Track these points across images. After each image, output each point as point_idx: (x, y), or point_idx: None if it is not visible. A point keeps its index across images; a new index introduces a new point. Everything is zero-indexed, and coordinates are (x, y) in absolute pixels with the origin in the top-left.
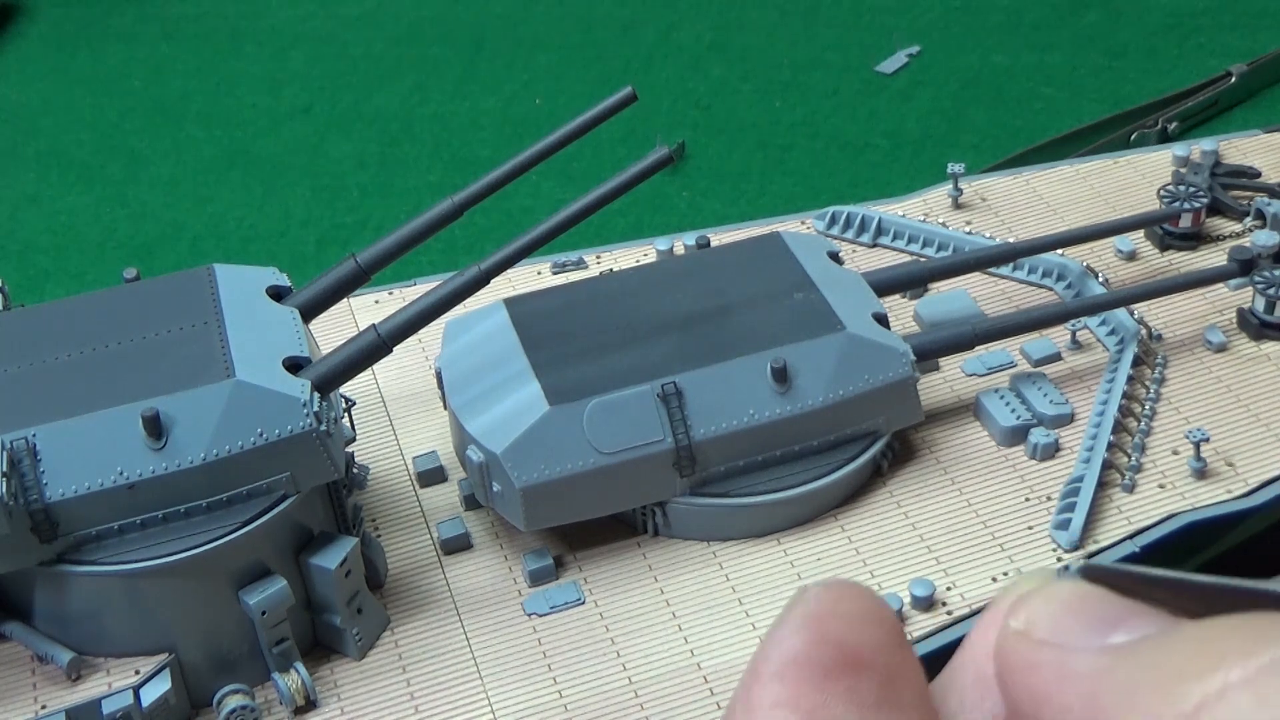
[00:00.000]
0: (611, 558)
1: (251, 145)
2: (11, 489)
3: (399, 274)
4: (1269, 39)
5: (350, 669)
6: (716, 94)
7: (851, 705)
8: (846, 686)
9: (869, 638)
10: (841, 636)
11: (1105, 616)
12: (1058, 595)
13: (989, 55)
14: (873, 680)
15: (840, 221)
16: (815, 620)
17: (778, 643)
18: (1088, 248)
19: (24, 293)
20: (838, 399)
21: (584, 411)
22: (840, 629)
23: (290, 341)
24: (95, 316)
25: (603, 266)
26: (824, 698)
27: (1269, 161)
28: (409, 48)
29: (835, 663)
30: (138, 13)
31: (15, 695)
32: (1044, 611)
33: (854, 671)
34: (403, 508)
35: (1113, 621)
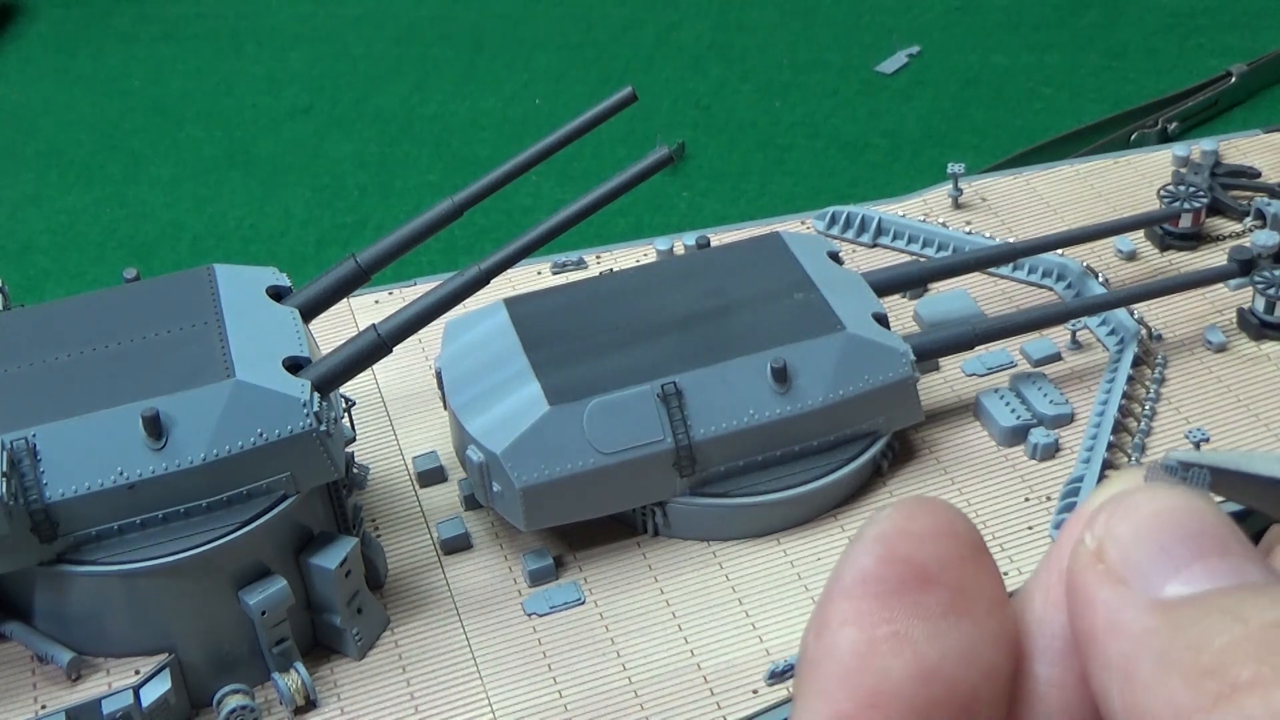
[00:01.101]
0: (611, 558)
1: (251, 145)
2: (11, 489)
3: (399, 274)
4: (1269, 39)
5: (350, 669)
6: (716, 94)
7: (916, 619)
8: (913, 601)
9: (938, 553)
10: (910, 553)
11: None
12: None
13: (989, 55)
14: (941, 593)
15: (840, 221)
16: (885, 539)
17: (850, 562)
18: (1088, 248)
19: (24, 293)
20: (838, 399)
21: (584, 411)
22: (909, 546)
23: (290, 341)
24: (95, 316)
25: (603, 266)
26: (890, 613)
27: (1269, 161)
28: (409, 48)
29: (902, 579)
30: (138, 13)
31: (15, 695)
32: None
33: (921, 586)
34: (403, 508)
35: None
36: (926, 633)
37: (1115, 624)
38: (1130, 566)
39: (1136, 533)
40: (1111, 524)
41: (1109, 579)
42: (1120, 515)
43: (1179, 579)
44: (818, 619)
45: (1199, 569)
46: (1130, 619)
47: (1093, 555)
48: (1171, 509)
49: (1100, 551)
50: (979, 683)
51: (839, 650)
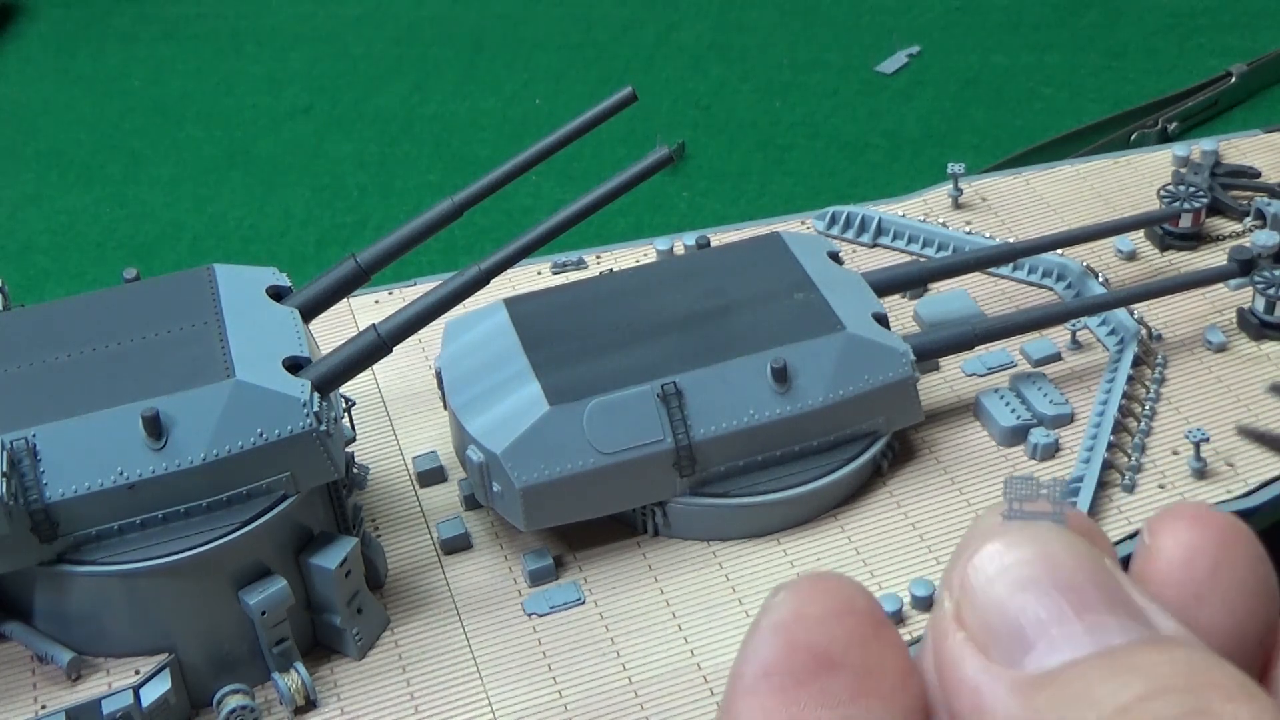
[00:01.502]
0: (611, 558)
1: (251, 145)
2: (11, 489)
3: (399, 274)
4: (1269, 39)
5: (350, 669)
6: (716, 94)
7: (825, 706)
8: (819, 689)
9: (838, 635)
10: (809, 640)
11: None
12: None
13: (989, 55)
14: (846, 677)
15: (840, 221)
16: (783, 627)
17: (749, 657)
18: (1088, 248)
19: (24, 293)
20: (838, 399)
21: (584, 411)
22: (807, 633)
23: (290, 341)
24: (95, 316)
25: (603, 266)
26: (798, 706)
27: (1269, 161)
28: (409, 48)
29: (806, 667)
30: (138, 13)
31: (15, 695)
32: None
33: (826, 672)
34: (403, 508)
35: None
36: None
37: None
38: (989, 634)
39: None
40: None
41: (969, 650)
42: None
43: (1039, 649)
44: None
45: (1058, 634)
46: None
47: (953, 620)
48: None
49: (959, 616)
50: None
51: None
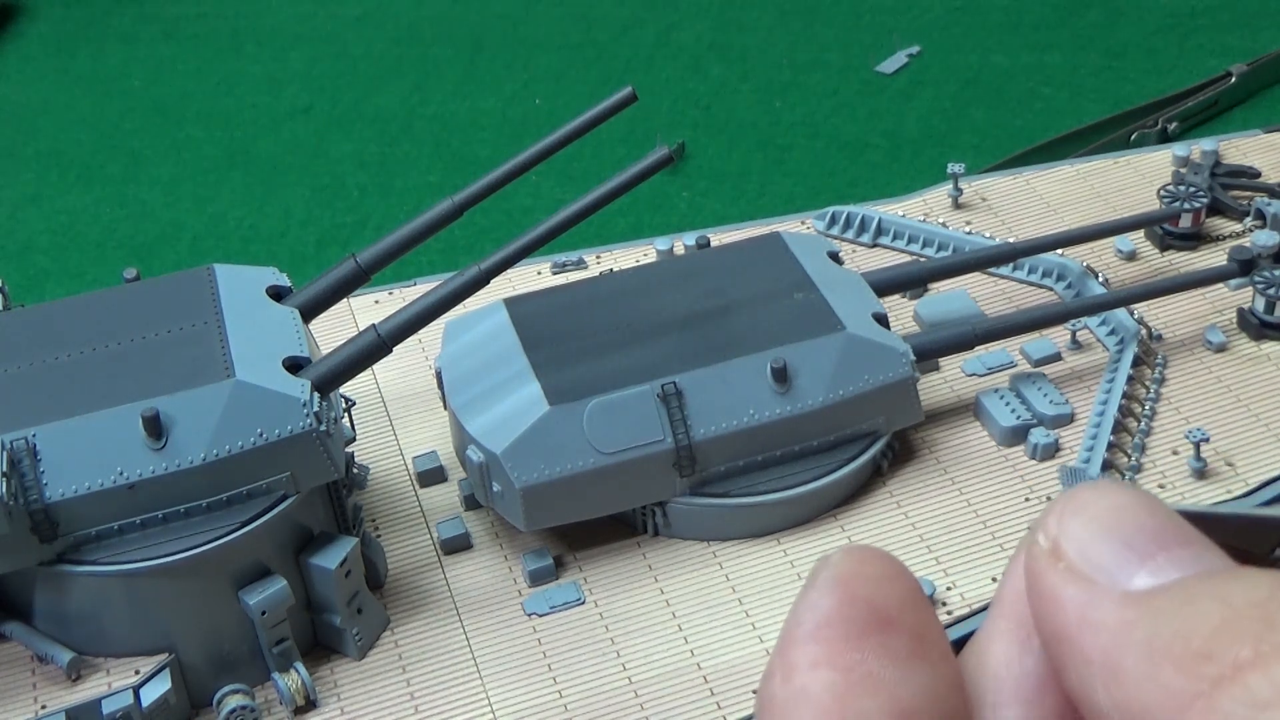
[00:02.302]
0: (611, 558)
1: (251, 145)
2: (11, 489)
3: (399, 274)
4: (1269, 39)
5: (350, 669)
6: (716, 94)
7: (885, 659)
8: (879, 642)
9: (895, 596)
10: (870, 596)
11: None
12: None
13: (989, 55)
14: (903, 636)
15: (840, 221)
16: (843, 582)
17: (810, 606)
18: (1088, 248)
19: (24, 293)
20: (838, 399)
21: (584, 411)
22: (868, 589)
23: (290, 341)
24: (95, 316)
25: (603, 266)
26: (859, 655)
27: (1269, 161)
28: (409, 48)
29: (866, 620)
30: (138, 13)
31: (15, 695)
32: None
33: (885, 628)
34: (403, 508)
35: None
36: (897, 674)
37: (1089, 620)
38: (1092, 562)
39: (1091, 529)
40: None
41: (1072, 576)
42: (1071, 513)
43: (1145, 570)
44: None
45: (1163, 559)
46: (1104, 614)
47: (1049, 555)
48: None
49: (1056, 550)
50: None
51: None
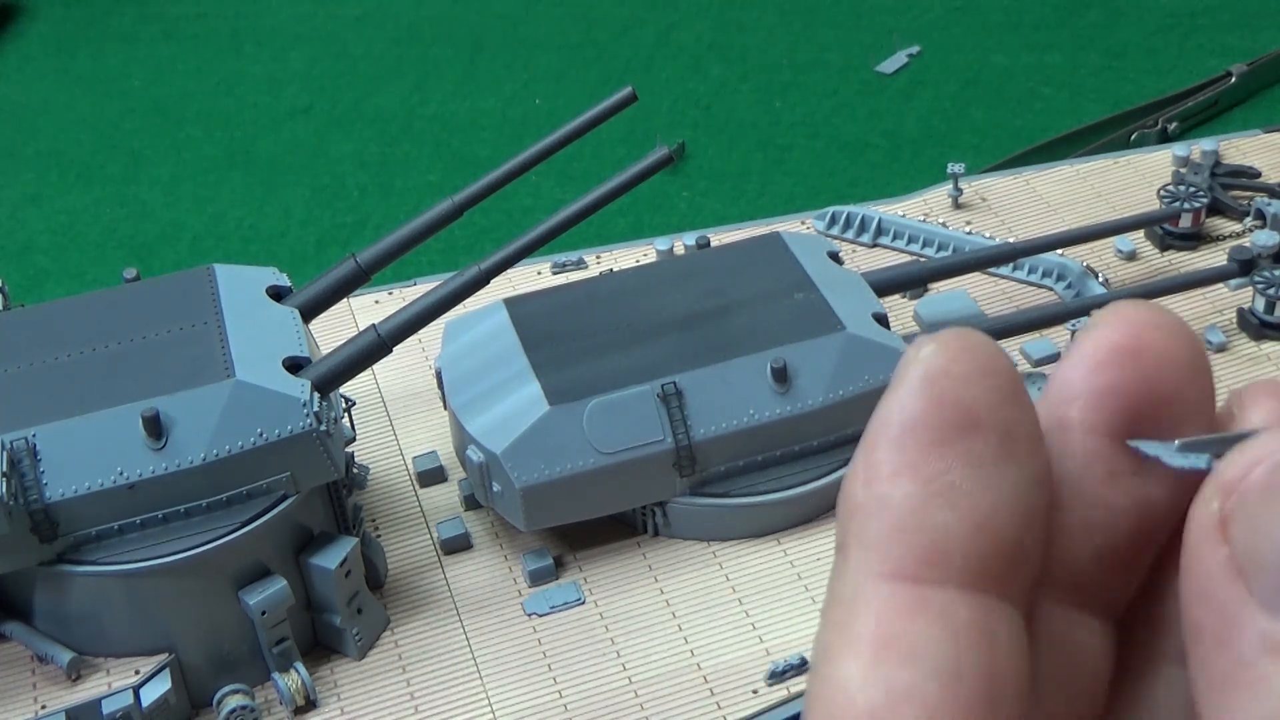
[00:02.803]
0: (611, 558)
1: (251, 145)
2: (11, 489)
3: (399, 274)
4: (1269, 39)
5: (350, 669)
6: (716, 94)
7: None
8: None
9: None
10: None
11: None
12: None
13: (989, 55)
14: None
15: (840, 221)
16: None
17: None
18: (1088, 248)
19: (24, 293)
20: (838, 399)
21: (584, 411)
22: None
23: (290, 341)
24: (95, 316)
25: (603, 266)
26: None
27: (1269, 161)
28: (409, 48)
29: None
30: (138, 13)
31: (15, 695)
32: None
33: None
34: (403, 508)
35: None
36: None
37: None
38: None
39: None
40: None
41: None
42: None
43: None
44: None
45: None
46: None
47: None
48: None
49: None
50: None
51: (893, 502)
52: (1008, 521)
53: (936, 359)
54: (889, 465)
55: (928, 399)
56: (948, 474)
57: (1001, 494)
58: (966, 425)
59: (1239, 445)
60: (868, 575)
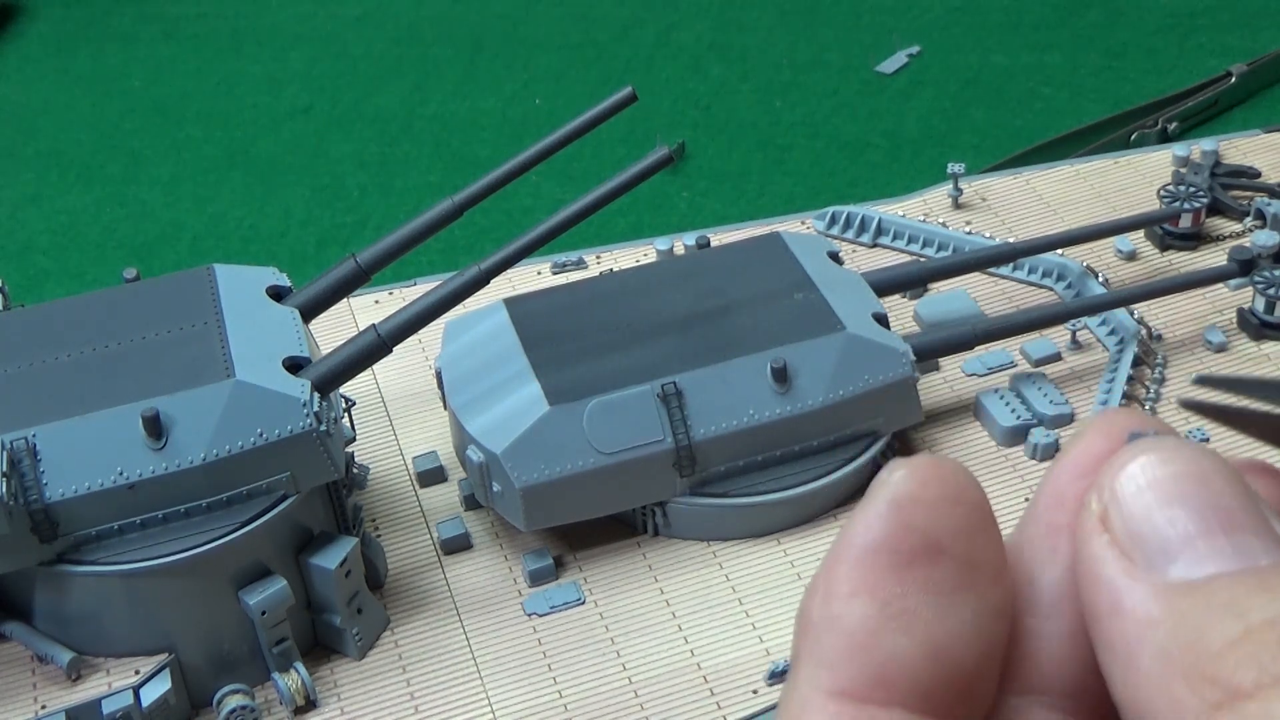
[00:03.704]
0: (611, 558)
1: (251, 145)
2: (11, 489)
3: (399, 274)
4: (1269, 39)
5: (350, 669)
6: (716, 94)
7: (927, 594)
8: (924, 575)
9: (950, 523)
10: (924, 523)
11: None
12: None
13: (989, 55)
14: (951, 566)
15: (840, 221)
16: (897, 505)
17: (862, 529)
18: (1088, 248)
19: (24, 293)
20: (838, 399)
21: (584, 411)
22: (922, 515)
23: (290, 341)
24: (95, 316)
25: (603, 266)
26: (901, 588)
27: (1269, 161)
28: (409, 48)
29: (915, 551)
30: (138, 13)
31: (15, 695)
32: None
33: (932, 559)
34: (403, 508)
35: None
36: (937, 609)
37: (1119, 608)
38: (1135, 540)
39: (1141, 502)
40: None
41: (1113, 552)
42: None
43: (1184, 560)
44: (825, 583)
45: (1204, 548)
46: (1134, 604)
47: (1098, 521)
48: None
49: (1105, 518)
50: (980, 659)
51: (848, 622)
52: (963, 651)
53: (906, 484)
54: (847, 585)
55: (892, 523)
56: (905, 599)
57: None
58: (928, 552)
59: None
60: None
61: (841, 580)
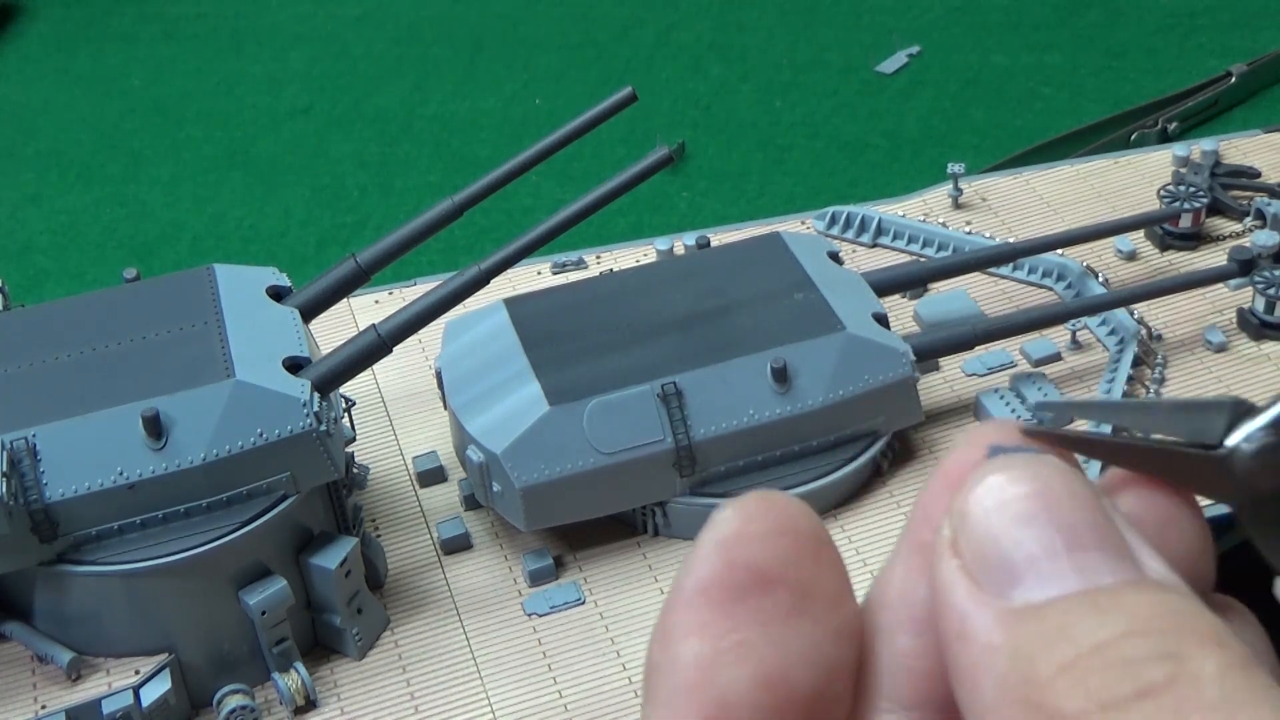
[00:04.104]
0: (611, 558)
1: (251, 145)
2: (11, 489)
3: (399, 274)
4: (1269, 39)
5: (350, 669)
6: (716, 94)
7: (757, 625)
8: (755, 607)
9: (777, 554)
10: (749, 558)
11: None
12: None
13: (989, 55)
14: (782, 596)
15: (840, 221)
16: (724, 545)
17: (690, 571)
18: (1088, 248)
19: (24, 293)
20: (838, 399)
21: (584, 411)
22: (749, 550)
23: (290, 341)
24: (95, 316)
25: (603, 266)
26: (732, 622)
27: (1269, 161)
28: (409, 48)
29: (744, 585)
30: (138, 13)
31: (15, 695)
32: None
33: (762, 590)
34: (403, 508)
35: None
36: (768, 639)
37: (965, 633)
38: (981, 564)
39: (988, 524)
40: (965, 513)
41: (961, 578)
42: (973, 503)
43: (1027, 583)
44: (661, 629)
45: (1048, 570)
46: (978, 630)
47: (949, 547)
48: (1022, 495)
49: (955, 544)
50: (822, 681)
51: (682, 662)
52: (802, 675)
53: (731, 522)
54: (680, 627)
55: (719, 561)
56: (737, 632)
57: (794, 649)
58: (758, 585)
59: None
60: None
61: (676, 623)
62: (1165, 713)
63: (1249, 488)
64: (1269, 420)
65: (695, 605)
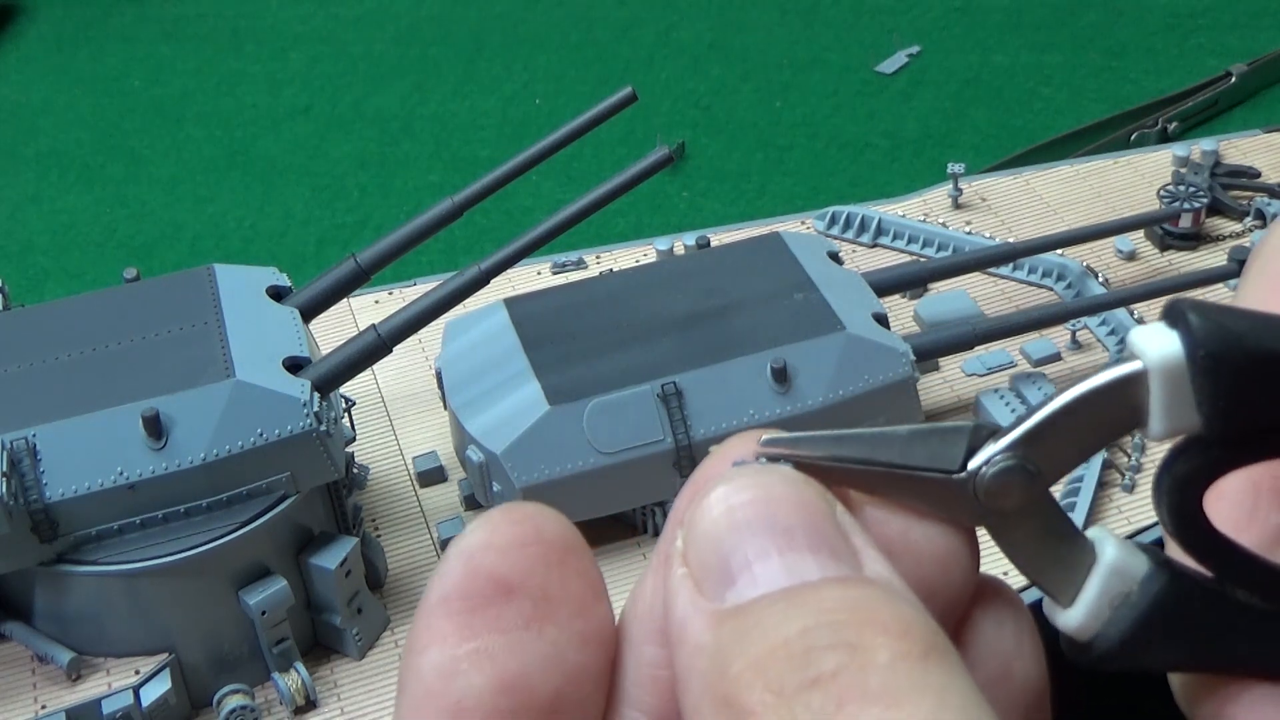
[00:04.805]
0: (611, 558)
1: (251, 145)
2: (11, 489)
3: (399, 274)
4: (1269, 39)
5: (350, 669)
6: (716, 94)
7: (497, 633)
8: (494, 614)
9: (520, 563)
10: (490, 567)
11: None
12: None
13: (989, 55)
14: (523, 604)
15: (840, 221)
16: (467, 555)
17: (435, 582)
18: (1088, 248)
19: (24, 293)
20: (838, 399)
21: (584, 411)
22: (491, 560)
23: (290, 341)
24: (95, 316)
25: (603, 266)
26: (471, 630)
27: (1269, 161)
28: (409, 48)
29: (485, 594)
30: (138, 13)
31: (15, 695)
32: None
33: (502, 598)
34: (403, 508)
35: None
36: (506, 645)
37: (682, 637)
38: (703, 570)
39: (710, 531)
40: (694, 520)
41: (686, 585)
42: (701, 510)
43: (739, 585)
44: (409, 640)
45: (759, 571)
46: (691, 633)
47: (680, 555)
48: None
49: (684, 552)
50: (562, 686)
51: (423, 671)
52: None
53: (476, 534)
54: (422, 638)
55: (461, 572)
56: (475, 640)
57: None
58: (497, 594)
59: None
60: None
61: (419, 633)
62: (830, 701)
63: (994, 509)
64: (1008, 443)
65: (436, 615)
